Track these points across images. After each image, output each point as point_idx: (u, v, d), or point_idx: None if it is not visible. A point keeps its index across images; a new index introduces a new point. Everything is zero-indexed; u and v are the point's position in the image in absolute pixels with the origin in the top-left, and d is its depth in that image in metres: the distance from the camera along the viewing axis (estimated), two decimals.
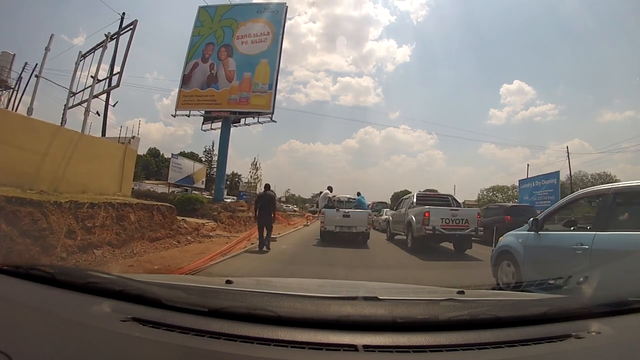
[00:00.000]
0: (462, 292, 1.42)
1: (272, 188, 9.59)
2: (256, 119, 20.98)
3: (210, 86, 21.30)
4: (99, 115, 12.58)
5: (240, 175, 47.70)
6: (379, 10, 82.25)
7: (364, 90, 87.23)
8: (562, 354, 0.88)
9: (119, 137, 10.46)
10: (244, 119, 21.49)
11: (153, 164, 48.59)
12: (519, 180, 26.03)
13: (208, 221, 11.29)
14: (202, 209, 12.46)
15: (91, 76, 10.69)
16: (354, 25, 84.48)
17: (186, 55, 22.64)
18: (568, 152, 28.58)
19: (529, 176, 26.70)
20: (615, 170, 40.58)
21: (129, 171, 10.10)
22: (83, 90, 11.04)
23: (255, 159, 19.51)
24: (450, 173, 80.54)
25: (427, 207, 8.38)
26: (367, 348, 0.82)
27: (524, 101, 71.79)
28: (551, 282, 2.28)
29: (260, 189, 32.33)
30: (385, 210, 16.50)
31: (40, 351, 0.75)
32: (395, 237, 10.87)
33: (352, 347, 0.82)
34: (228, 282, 1.42)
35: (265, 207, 7.82)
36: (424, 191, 10.66)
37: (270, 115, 20.22)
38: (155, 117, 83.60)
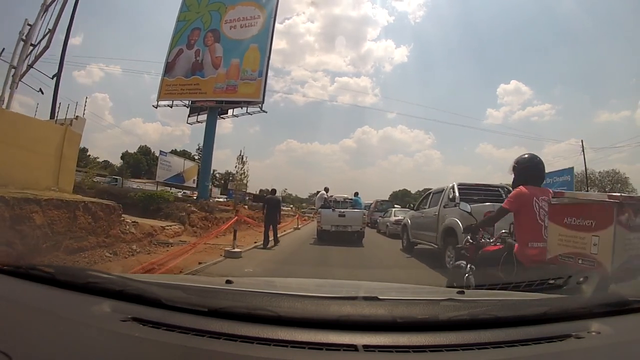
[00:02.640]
0: (462, 292, 1.41)
1: (269, 188, 10.25)
2: (245, 110, 19.03)
3: (195, 74, 19.50)
4: (42, 93, 10.64)
5: (234, 174, 45.81)
6: (377, 11, 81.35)
7: (362, 90, 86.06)
8: (562, 354, 0.87)
9: (56, 118, 8.39)
10: (231, 110, 19.58)
11: (144, 162, 46.99)
12: None
13: (172, 224, 9.14)
14: (168, 208, 10.32)
15: (22, 39, 8.71)
16: (352, 25, 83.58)
17: (170, 41, 20.87)
18: (583, 147, 26.55)
19: None
20: None
21: (69, 160, 8.04)
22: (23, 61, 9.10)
23: (241, 151, 17.32)
24: (448, 173, 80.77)
25: (488, 204, 5.23)
26: (367, 348, 0.81)
27: (521, 101, 71.64)
28: (551, 282, 2.07)
29: (248, 185, 30.69)
30: (393, 210, 13.79)
31: (40, 351, 0.74)
32: (417, 247, 8.06)
33: (352, 347, 0.81)
34: (228, 282, 1.40)
35: (273, 209, 8.75)
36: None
37: (260, 105, 18.39)
38: (152, 117, 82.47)
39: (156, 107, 19.99)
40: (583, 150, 26.85)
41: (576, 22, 58.67)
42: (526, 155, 2.66)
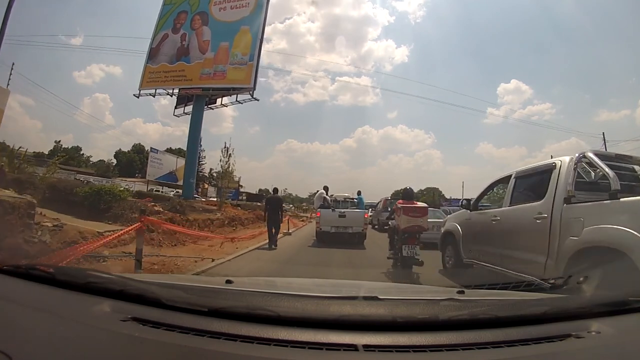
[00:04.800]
0: (462, 292, 1.40)
1: (269, 188, 9.70)
2: (234, 98, 17.15)
3: (180, 59, 17.82)
4: None
5: (221, 170, 44.20)
6: (378, 11, 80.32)
7: (362, 90, 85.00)
8: (562, 354, 0.87)
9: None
10: (220, 99, 17.72)
11: (137, 161, 45.56)
12: None
13: (119, 228, 6.94)
14: (119, 207, 8.04)
15: None
16: (352, 25, 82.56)
17: (155, 25, 19.07)
18: (604, 139, 24.80)
19: None
20: None
21: None
22: None
23: (226, 143, 15.13)
24: (447, 172, 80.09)
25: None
26: (367, 348, 0.81)
27: (522, 100, 70.47)
28: (551, 281, 2.13)
29: (243, 184, 28.89)
30: None
31: (40, 351, 0.74)
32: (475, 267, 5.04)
33: (352, 347, 0.81)
34: (228, 282, 1.40)
35: (274, 209, 8.51)
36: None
37: (250, 92, 16.48)
38: (153, 118, 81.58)
39: (138, 97, 18.40)
40: (605, 143, 25.17)
41: (576, 21, 57.34)
42: (407, 188, 6.29)
